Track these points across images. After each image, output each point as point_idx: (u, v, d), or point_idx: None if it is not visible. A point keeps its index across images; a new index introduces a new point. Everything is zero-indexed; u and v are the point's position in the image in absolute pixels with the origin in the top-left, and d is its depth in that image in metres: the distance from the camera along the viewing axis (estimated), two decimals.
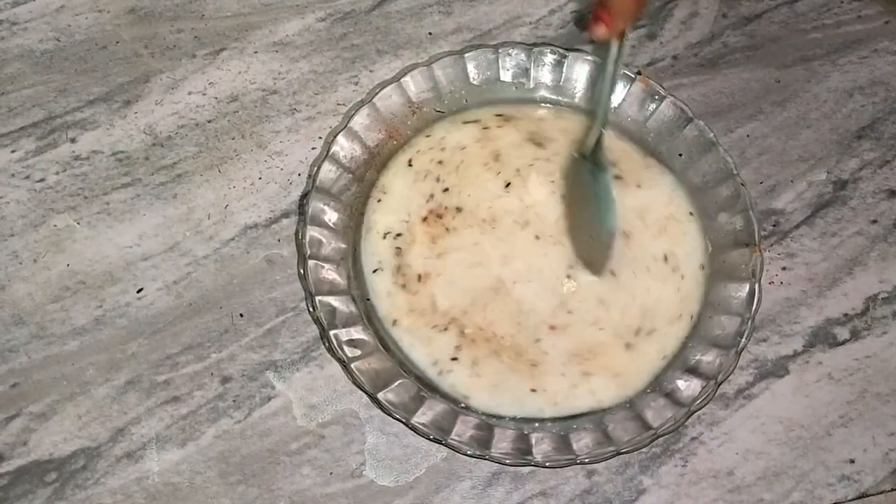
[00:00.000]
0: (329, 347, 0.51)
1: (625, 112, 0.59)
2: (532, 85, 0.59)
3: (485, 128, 0.58)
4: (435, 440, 0.49)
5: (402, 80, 0.58)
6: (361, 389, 0.51)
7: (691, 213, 0.56)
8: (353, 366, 0.50)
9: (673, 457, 0.53)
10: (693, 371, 0.52)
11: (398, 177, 0.57)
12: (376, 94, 0.58)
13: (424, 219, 0.56)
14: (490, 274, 0.54)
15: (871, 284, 0.58)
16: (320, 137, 0.60)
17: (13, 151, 0.59)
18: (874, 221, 0.60)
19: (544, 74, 0.59)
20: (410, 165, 0.57)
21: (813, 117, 0.63)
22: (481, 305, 0.54)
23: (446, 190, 0.56)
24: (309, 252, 0.53)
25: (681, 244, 0.56)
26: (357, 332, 0.52)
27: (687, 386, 0.51)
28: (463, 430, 0.50)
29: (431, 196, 0.56)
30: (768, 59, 0.64)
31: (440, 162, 0.57)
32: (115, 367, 0.54)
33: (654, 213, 0.56)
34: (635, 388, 0.52)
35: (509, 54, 0.59)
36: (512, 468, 0.52)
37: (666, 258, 0.55)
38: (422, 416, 0.50)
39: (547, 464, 0.49)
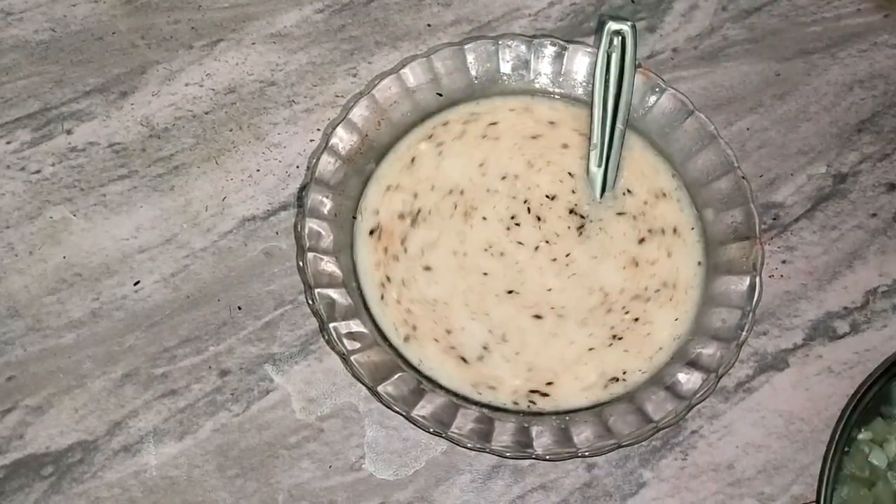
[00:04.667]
0: (328, 340, 0.51)
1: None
2: (532, 77, 0.59)
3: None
4: (435, 433, 0.49)
5: (401, 71, 0.58)
6: (361, 382, 0.50)
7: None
8: (352, 359, 0.50)
9: (673, 450, 0.53)
10: (694, 364, 0.51)
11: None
12: (375, 85, 0.57)
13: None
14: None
15: (871, 278, 0.58)
16: (319, 129, 0.60)
17: (8, 143, 0.58)
18: (874, 215, 0.60)
19: (544, 66, 0.59)
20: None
21: (813, 110, 0.63)
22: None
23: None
24: (308, 244, 0.53)
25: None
26: (356, 325, 0.52)
27: (687, 379, 0.51)
28: (463, 423, 0.50)
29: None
30: (768, 52, 0.64)
31: None
32: (112, 360, 0.53)
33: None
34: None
35: (509, 46, 0.59)
36: (512, 461, 0.52)
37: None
38: (421, 409, 0.49)
39: (547, 457, 0.49)
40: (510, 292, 0.54)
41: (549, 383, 0.52)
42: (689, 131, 0.57)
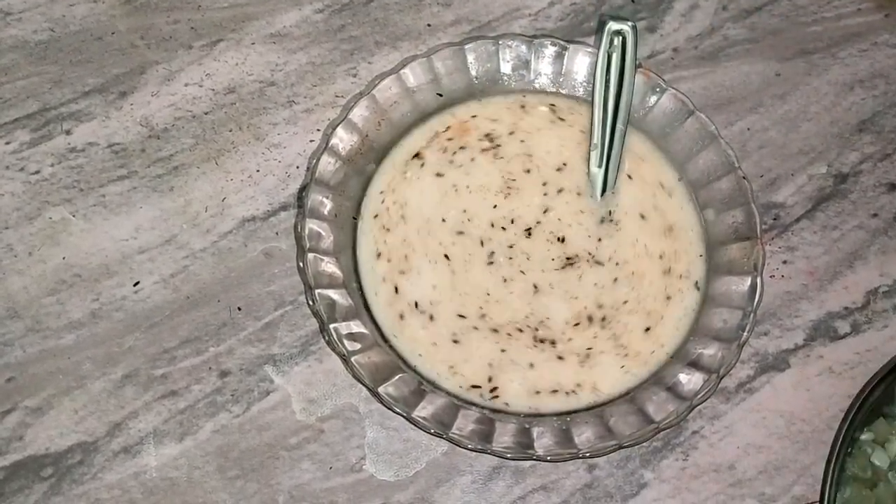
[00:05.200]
0: (329, 341, 0.51)
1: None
2: (532, 77, 0.59)
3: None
4: (436, 434, 0.49)
5: (401, 71, 0.57)
6: (361, 383, 0.50)
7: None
8: (353, 360, 0.50)
9: (674, 451, 0.53)
10: (695, 364, 0.51)
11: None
12: (375, 85, 0.57)
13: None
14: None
15: (872, 278, 0.58)
16: (318, 129, 0.60)
17: (7, 143, 0.58)
18: (875, 215, 0.60)
19: (545, 66, 0.59)
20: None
21: (813, 110, 0.63)
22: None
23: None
24: (308, 245, 0.53)
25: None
26: (357, 326, 0.52)
27: (689, 380, 0.51)
28: (464, 424, 0.49)
29: None
30: (768, 52, 0.64)
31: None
32: (111, 361, 0.53)
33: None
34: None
35: (509, 46, 0.59)
36: (513, 462, 0.52)
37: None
38: (422, 410, 0.49)
39: (548, 458, 0.49)
40: (446, 257, 0.54)
41: (491, 378, 0.52)
42: (690, 131, 0.57)
